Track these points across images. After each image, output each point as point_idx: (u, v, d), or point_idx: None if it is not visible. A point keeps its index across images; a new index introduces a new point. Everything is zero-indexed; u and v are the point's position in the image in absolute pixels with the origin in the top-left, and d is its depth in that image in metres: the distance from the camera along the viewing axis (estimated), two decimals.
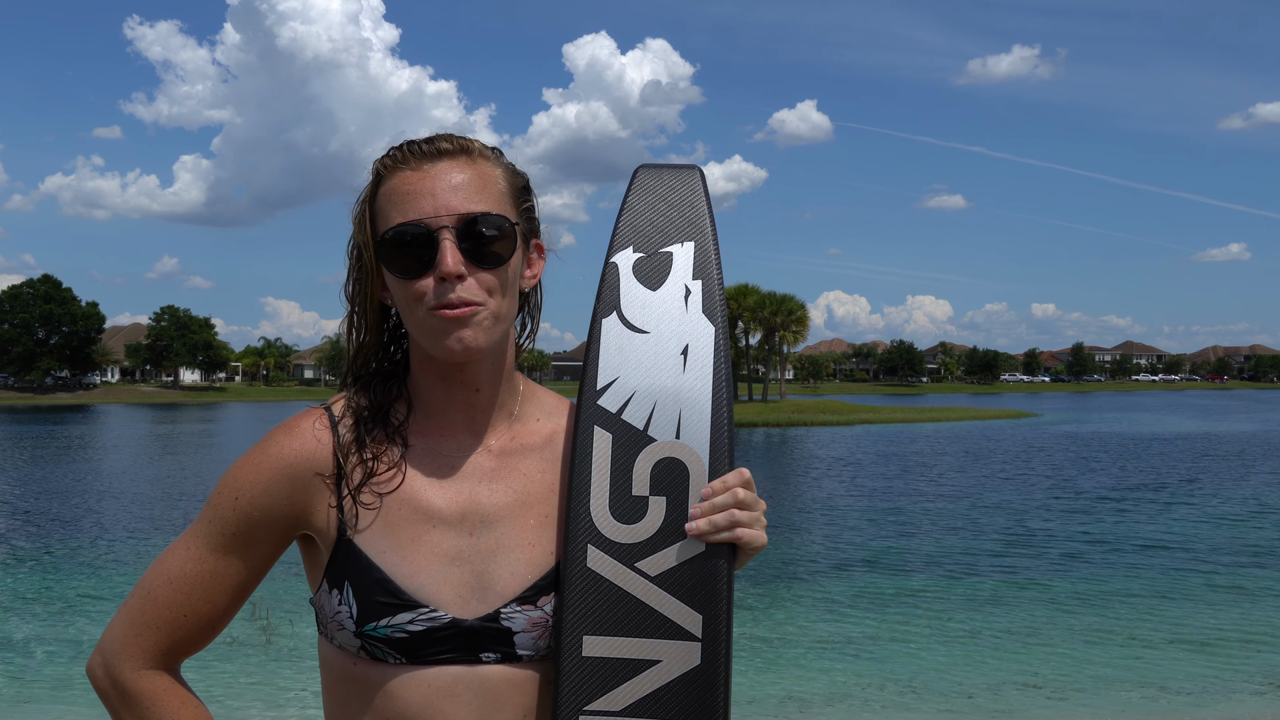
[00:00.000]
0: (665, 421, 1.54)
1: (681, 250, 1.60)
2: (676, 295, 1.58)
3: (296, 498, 1.50)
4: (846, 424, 58.25)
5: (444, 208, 1.45)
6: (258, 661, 9.75)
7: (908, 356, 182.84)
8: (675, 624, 1.51)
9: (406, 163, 1.49)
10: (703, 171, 1.64)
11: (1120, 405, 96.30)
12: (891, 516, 20.31)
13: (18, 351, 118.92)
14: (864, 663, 10.15)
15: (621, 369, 1.56)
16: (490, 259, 1.47)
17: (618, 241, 1.60)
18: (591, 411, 1.55)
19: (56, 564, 15.49)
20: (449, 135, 1.52)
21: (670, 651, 1.51)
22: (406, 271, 1.46)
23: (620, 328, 1.57)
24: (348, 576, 1.47)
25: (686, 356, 1.56)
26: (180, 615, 1.51)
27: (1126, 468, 30.83)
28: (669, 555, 1.52)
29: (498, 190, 1.50)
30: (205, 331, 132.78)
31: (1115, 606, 12.67)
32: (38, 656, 10.45)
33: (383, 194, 1.50)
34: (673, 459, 1.54)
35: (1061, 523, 19.49)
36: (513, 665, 1.49)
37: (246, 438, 49.48)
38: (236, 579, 1.52)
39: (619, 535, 1.52)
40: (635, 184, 1.63)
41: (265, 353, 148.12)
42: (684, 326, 1.57)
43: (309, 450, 1.51)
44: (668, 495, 1.52)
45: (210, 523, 1.52)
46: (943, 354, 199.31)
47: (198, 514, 1.55)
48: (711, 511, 1.50)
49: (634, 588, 1.51)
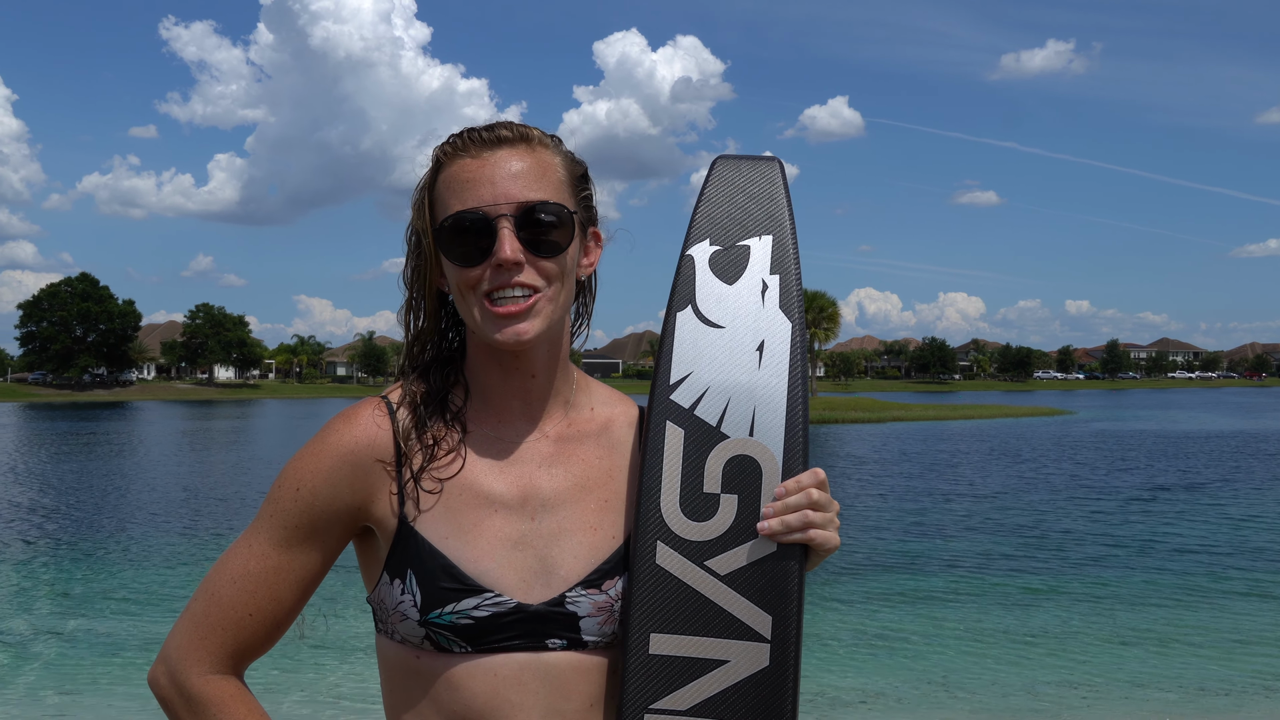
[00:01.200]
0: (739, 418, 1.51)
1: (759, 244, 1.56)
2: (753, 290, 1.55)
3: (358, 485, 1.49)
4: (878, 421, 57.93)
5: (503, 195, 1.45)
6: (293, 655, 9.84)
7: (940, 354, 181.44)
8: (744, 624, 1.48)
9: (466, 150, 1.49)
10: (782, 163, 1.61)
11: (1156, 403, 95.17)
12: (923, 514, 20.20)
13: (56, 349, 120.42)
14: (897, 660, 10.11)
15: (695, 364, 1.52)
16: (548, 247, 1.47)
17: (694, 234, 1.57)
18: (664, 406, 1.52)
19: (98, 560, 15.69)
20: (509, 123, 1.51)
21: (739, 652, 1.48)
22: (465, 259, 1.47)
23: (695, 322, 1.54)
24: (410, 564, 1.46)
25: (762, 353, 1.53)
26: (245, 615, 1.49)
27: (1162, 466, 30.47)
28: (740, 554, 1.49)
29: (556, 178, 1.50)
30: (239, 329, 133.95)
31: (1152, 606, 12.54)
32: (70, 653, 10.60)
33: (442, 181, 1.50)
34: (745, 456, 1.51)
35: (1096, 521, 19.31)
36: (579, 652, 1.48)
37: (282, 434, 49.88)
38: (301, 574, 1.50)
39: (689, 532, 1.49)
40: (713, 175, 1.59)
41: (298, 350, 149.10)
42: (760, 322, 1.54)
43: (369, 437, 1.50)
44: (739, 493, 1.50)
45: (272, 517, 1.50)
46: (975, 351, 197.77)
47: (239, 508, 1.54)
48: (784, 511, 1.48)
49: (703, 586, 1.48)
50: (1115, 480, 26.64)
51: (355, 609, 11.11)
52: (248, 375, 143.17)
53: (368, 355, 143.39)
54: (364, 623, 10.74)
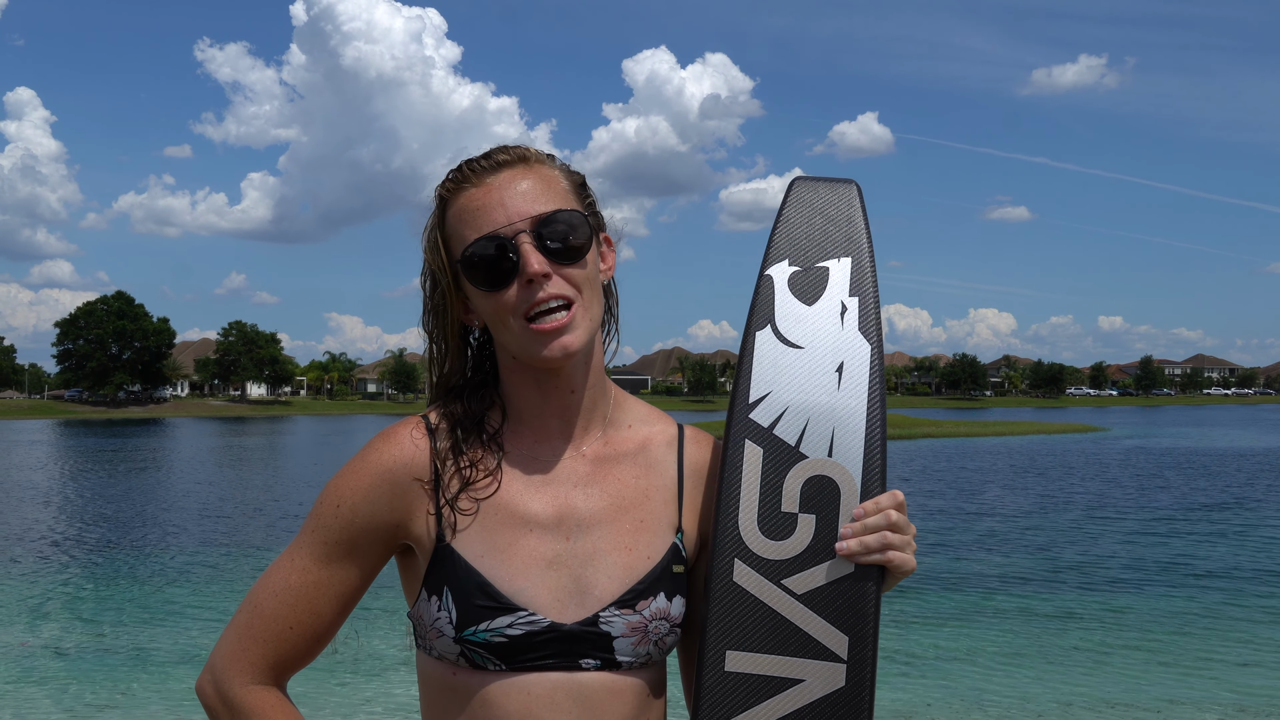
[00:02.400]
0: (818, 439, 1.52)
1: (838, 266, 1.57)
2: (833, 311, 1.56)
3: (397, 504, 1.51)
4: (909, 438, 57.60)
5: (516, 214, 1.47)
6: (327, 670, 9.89)
7: (971, 370, 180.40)
8: (821, 644, 1.48)
9: (469, 181, 1.51)
10: (859, 187, 1.62)
11: (1191, 420, 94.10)
12: (955, 532, 20.04)
13: (92, 366, 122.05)
14: (930, 680, 10.03)
15: (774, 383, 1.53)
16: (570, 255, 1.49)
17: (773, 254, 1.58)
18: (743, 425, 1.52)
19: (133, 574, 15.85)
20: (504, 147, 1.54)
21: (815, 671, 1.48)
22: (492, 284, 1.48)
23: (774, 341, 1.55)
24: (446, 582, 1.47)
25: (841, 374, 1.53)
26: (286, 628, 1.52)
27: (1199, 484, 30.10)
28: (817, 574, 1.49)
29: (561, 189, 1.52)
30: (271, 346, 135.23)
31: (1189, 625, 12.38)
32: (105, 665, 10.71)
33: (452, 216, 1.52)
34: (824, 477, 1.51)
35: (1132, 539, 19.09)
36: (612, 672, 1.48)
37: (313, 451, 50.22)
38: (341, 589, 1.53)
39: (767, 551, 1.49)
40: (791, 196, 1.61)
41: (330, 367, 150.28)
42: (840, 343, 1.54)
43: (408, 457, 1.52)
44: (818, 513, 1.50)
45: (314, 533, 1.53)
46: (1006, 367, 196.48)
47: (272, 524, 1.56)
48: (863, 532, 1.49)
49: (780, 605, 1.48)
50: (1150, 498, 26.34)
51: (388, 625, 11.17)
52: (279, 392, 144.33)
53: (398, 372, 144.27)
54: (395, 640, 10.79)
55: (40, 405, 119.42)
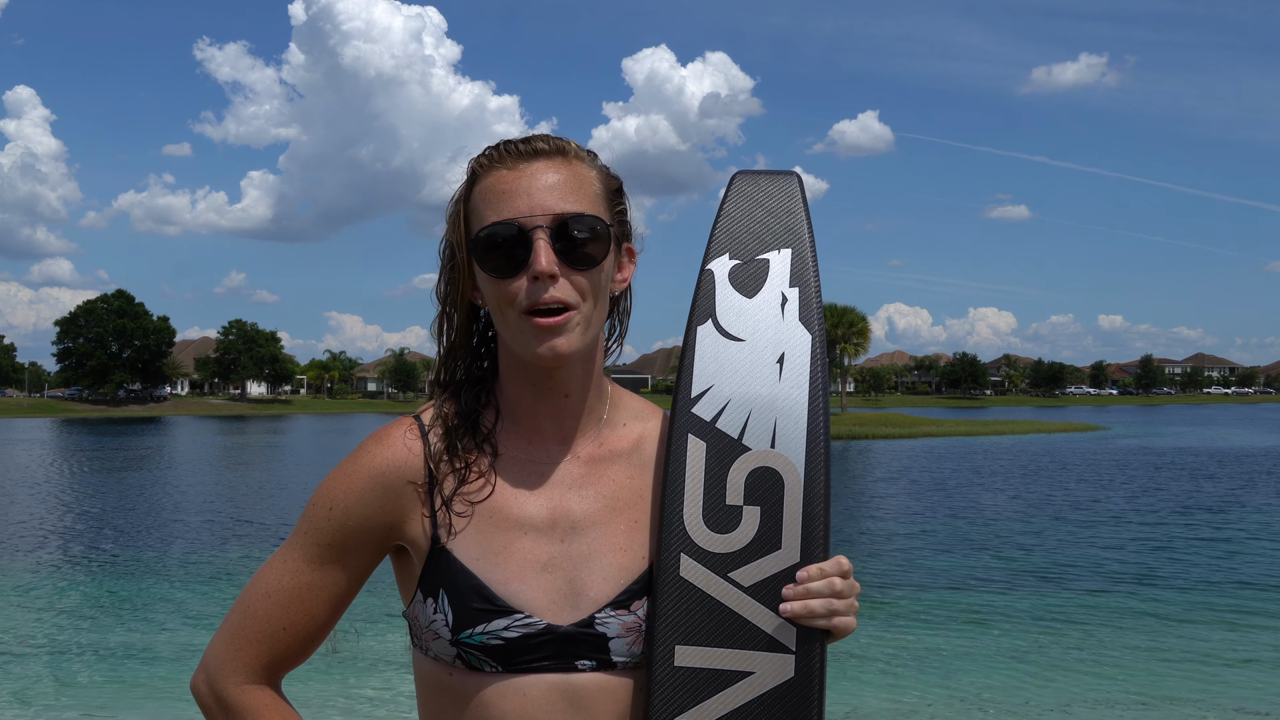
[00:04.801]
0: (760, 430, 1.51)
1: (778, 257, 1.57)
2: (773, 303, 1.55)
3: (390, 506, 1.51)
4: (909, 437, 57.62)
5: (539, 207, 1.45)
6: (325, 669, 9.89)
7: (971, 369, 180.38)
8: (769, 635, 1.48)
9: (503, 162, 1.49)
10: (800, 178, 1.61)
11: (1191, 419, 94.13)
12: (956, 531, 20.05)
13: (92, 365, 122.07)
14: (929, 678, 10.03)
15: (716, 377, 1.53)
16: (583, 260, 1.46)
17: (714, 248, 1.58)
18: (685, 419, 1.52)
19: (131, 573, 15.85)
20: (545, 135, 1.51)
21: (764, 663, 1.48)
22: (500, 271, 1.46)
23: (715, 335, 1.55)
24: (442, 584, 1.47)
25: (783, 365, 1.53)
26: (279, 629, 1.52)
27: (1198, 484, 30.13)
28: (763, 566, 1.49)
29: (592, 192, 1.50)
30: (271, 345, 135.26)
31: (1189, 624, 12.38)
32: (102, 665, 10.70)
33: (478, 193, 1.50)
34: (767, 468, 1.51)
35: (1131, 538, 19.10)
36: (607, 673, 1.48)
37: (313, 450, 50.22)
38: (333, 590, 1.53)
39: (712, 544, 1.49)
40: (732, 190, 1.60)
41: (330, 366, 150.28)
42: (780, 335, 1.54)
43: (400, 459, 1.52)
44: (762, 505, 1.50)
45: (306, 534, 1.52)
46: (1007, 366, 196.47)
47: (270, 523, 1.55)
48: (806, 596, 1.47)
49: (727, 598, 1.48)
50: (1149, 498, 26.34)
51: (386, 624, 11.16)
52: (279, 391, 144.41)
53: (398, 371, 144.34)
54: (395, 638, 10.78)
55: (40, 404, 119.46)
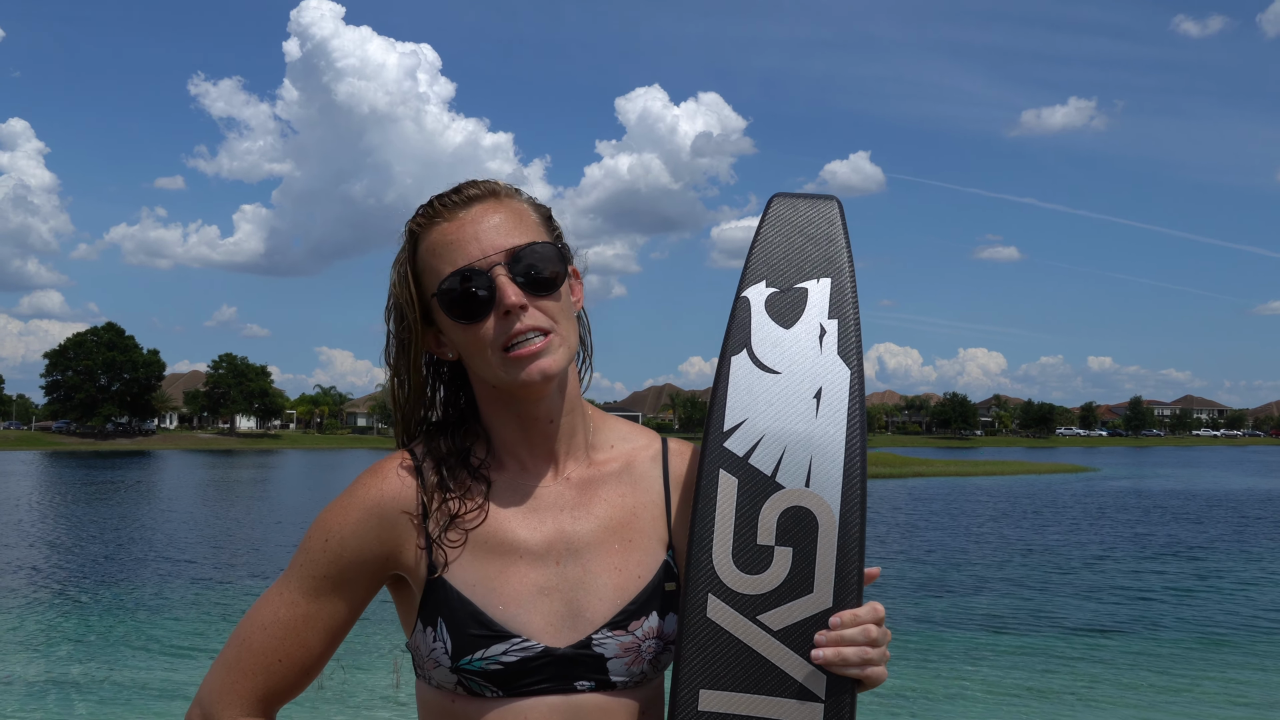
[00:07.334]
0: (795, 468, 1.45)
1: (817, 286, 1.51)
2: (811, 335, 1.49)
3: (385, 537, 1.53)
4: (899, 476, 57.56)
5: (491, 247, 1.49)
6: (314, 708, 9.82)
7: (961, 409, 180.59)
8: (798, 683, 1.41)
9: (440, 216, 1.53)
10: (841, 203, 1.56)
11: (1180, 460, 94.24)
12: (946, 570, 20.00)
13: (80, 398, 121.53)
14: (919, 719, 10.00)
15: (750, 410, 1.47)
16: (544, 286, 1.51)
17: (749, 275, 1.52)
18: (717, 454, 1.46)
19: (118, 608, 15.72)
20: (473, 181, 1.57)
21: (792, 711, 1.41)
22: (469, 316, 1.50)
23: (750, 367, 1.49)
24: (440, 613, 1.50)
25: (820, 400, 1.47)
26: (275, 661, 1.54)
27: (1185, 525, 30.15)
28: (794, 609, 1.43)
29: (532, 221, 1.55)
30: (261, 379, 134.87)
31: (1183, 664, 12.35)
32: (88, 700, 10.60)
33: (424, 251, 1.54)
34: (801, 508, 1.45)
35: (1122, 578, 19.08)
36: (606, 693, 1.50)
37: (303, 484, 49.96)
38: (330, 622, 1.55)
39: (741, 585, 1.43)
40: (769, 214, 1.55)
41: (320, 401, 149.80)
42: (818, 368, 1.48)
43: (394, 491, 1.54)
44: (794, 546, 1.44)
45: (302, 567, 1.55)
46: (997, 407, 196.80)
47: (261, 557, 1.56)
48: (839, 643, 1.44)
49: (755, 642, 1.42)
50: (1140, 540, 26.33)
51: (373, 662, 11.09)
52: (269, 425, 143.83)
53: (387, 407, 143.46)
54: (381, 675, 10.71)
55: (27, 436, 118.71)
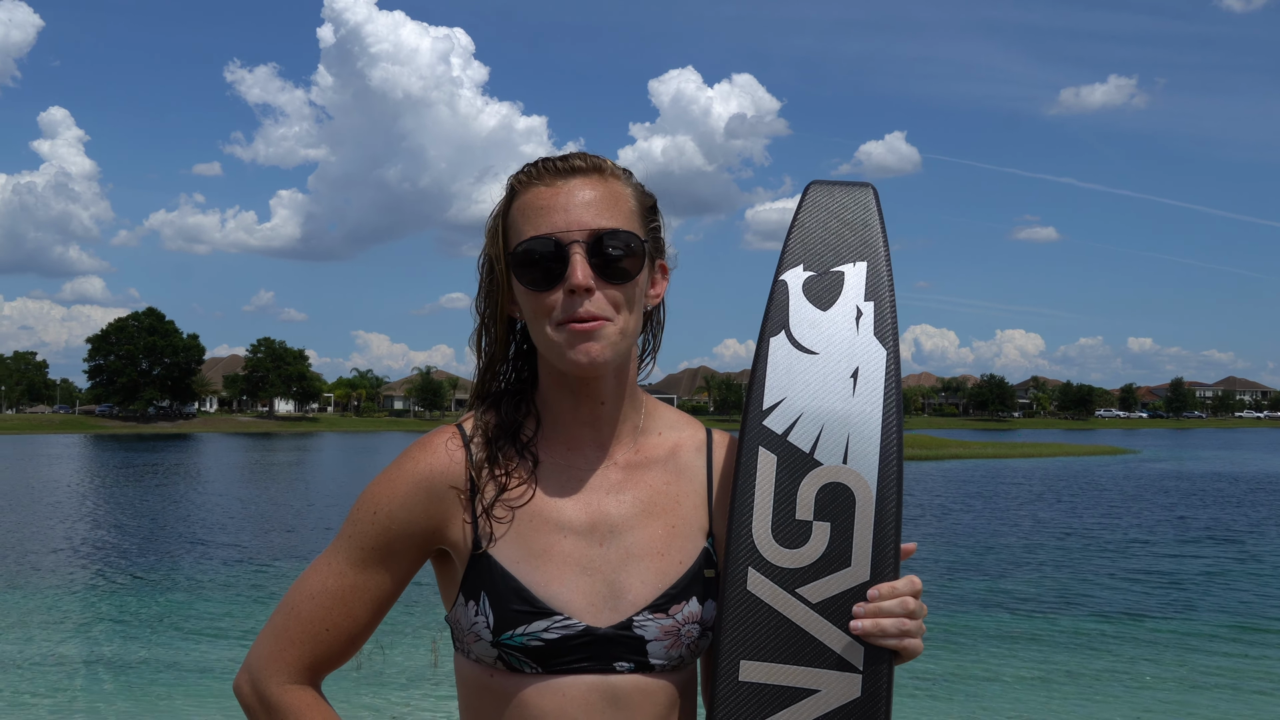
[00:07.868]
0: (832, 446, 1.50)
1: (854, 270, 1.56)
2: (848, 316, 1.54)
3: (433, 511, 1.54)
4: (936, 459, 57.25)
5: (575, 223, 1.49)
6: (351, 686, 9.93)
7: (998, 391, 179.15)
8: (836, 654, 1.46)
9: (541, 179, 1.53)
10: (876, 189, 1.61)
11: (1222, 442, 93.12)
12: (983, 553, 19.90)
13: (122, 382, 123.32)
14: (956, 702, 9.96)
15: (789, 390, 1.52)
16: (618, 275, 1.50)
17: (788, 258, 1.57)
18: (756, 432, 1.51)
19: (160, 587, 15.97)
20: (583, 154, 1.56)
21: (830, 682, 1.46)
22: (536, 284, 1.50)
23: (789, 347, 1.54)
24: (483, 587, 1.51)
25: (856, 380, 1.52)
26: (323, 630, 1.55)
27: (1227, 507, 29.81)
28: (832, 583, 1.47)
29: (628, 208, 1.54)
30: (299, 363, 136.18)
31: (1222, 648, 12.24)
32: (131, 678, 10.78)
33: (516, 208, 1.54)
34: (839, 484, 1.50)
35: (1161, 561, 18.90)
36: (646, 675, 1.51)
37: (340, 466, 50.46)
38: (376, 593, 1.56)
39: (781, 559, 1.48)
40: (806, 200, 1.60)
41: (357, 384, 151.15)
42: (855, 349, 1.53)
43: (443, 465, 1.55)
44: (832, 521, 1.49)
45: (350, 538, 1.56)
46: (1035, 389, 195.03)
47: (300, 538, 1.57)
48: (878, 614, 1.47)
49: (795, 614, 1.47)
50: (1180, 521, 26.07)
51: (414, 640, 11.19)
52: (307, 409, 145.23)
53: (424, 390, 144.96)
54: (422, 655, 10.81)
55: (71, 420, 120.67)
